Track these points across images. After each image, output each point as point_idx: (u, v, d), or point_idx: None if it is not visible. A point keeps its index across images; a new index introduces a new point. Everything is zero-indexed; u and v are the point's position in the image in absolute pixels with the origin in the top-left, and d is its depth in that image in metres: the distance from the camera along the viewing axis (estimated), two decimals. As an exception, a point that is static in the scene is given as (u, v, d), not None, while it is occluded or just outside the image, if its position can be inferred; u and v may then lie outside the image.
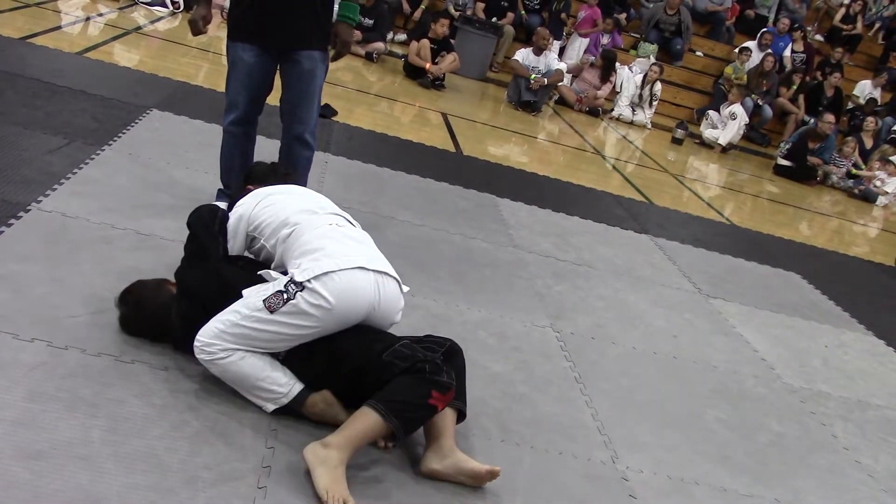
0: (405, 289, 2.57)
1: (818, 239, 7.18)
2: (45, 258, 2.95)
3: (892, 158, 10.01)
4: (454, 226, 4.64)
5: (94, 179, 3.78)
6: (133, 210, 3.56)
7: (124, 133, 4.56)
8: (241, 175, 3.23)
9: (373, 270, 2.41)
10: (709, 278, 5.01)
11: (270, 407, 2.40)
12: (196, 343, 2.37)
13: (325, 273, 2.32)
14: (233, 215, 2.73)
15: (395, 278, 2.51)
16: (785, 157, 10.00)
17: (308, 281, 2.30)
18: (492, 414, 2.79)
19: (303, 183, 3.76)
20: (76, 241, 3.15)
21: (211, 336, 2.35)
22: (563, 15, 11.82)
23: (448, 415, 2.40)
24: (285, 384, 2.37)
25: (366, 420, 2.23)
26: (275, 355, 2.40)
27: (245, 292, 2.40)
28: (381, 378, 2.29)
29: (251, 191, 2.85)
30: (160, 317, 2.56)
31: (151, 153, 4.38)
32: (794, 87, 12.02)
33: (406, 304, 3.37)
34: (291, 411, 2.40)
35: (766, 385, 3.72)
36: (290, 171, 3.26)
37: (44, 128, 4.24)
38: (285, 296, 2.30)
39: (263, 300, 2.33)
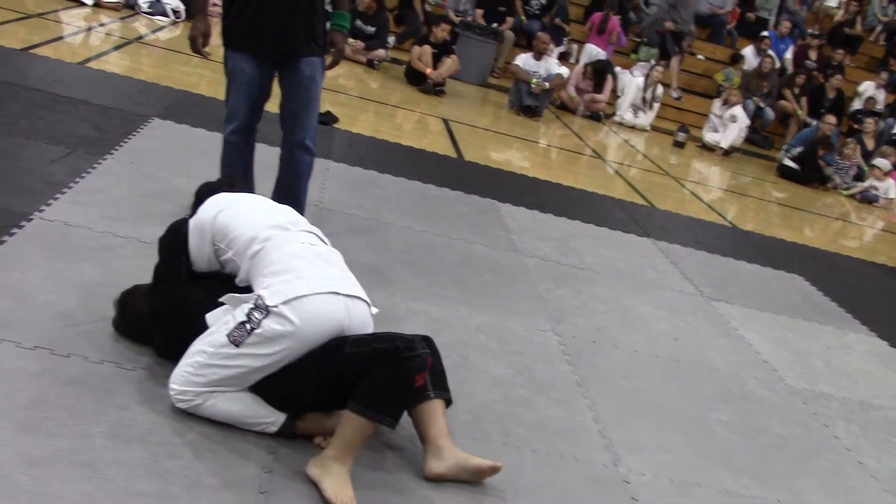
0: (374, 311, 2.52)
1: (820, 241, 7.17)
2: (48, 267, 2.96)
3: (875, 162, 9.99)
4: (456, 231, 4.65)
5: (95, 188, 3.80)
6: (135, 218, 3.58)
7: (126, 142, 4.58)
8: (194, 200, 2.93)
9: (344, 295, 2.37)
10: (711, 281, 5.01)
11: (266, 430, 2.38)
12: (171, 392, 2.34)
13: (297, 297, 2.27)
14: (193, 227, 2.59)
15: (364, 301, 2.46)
16: (793, 161, 9.98)
17: (276, 306, 2.24)
18: (493, 418, 2.80)
19: (303, 189, 3.78)
20: (78, 250, 3.16)
21: (182, 383, 2.32)
22: (558, 20, 11.80)
23: (438, 412, 2.40)
24: (269, 414, 2.35)
25: (354, 425, 2.23)
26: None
27: (209, 320, 2.36)
28: (359, 373, 2.25)
29: None
30: (139, 324, 2.59)
31: (153, 162, 4.39)
32: (797, 89, 12.02)
33: (407, 310, 3.42)
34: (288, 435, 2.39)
35: (768, 387, 3.72)
36: (241, 180, 3.17)
37: (45, 138, 4.26)
38: (248, 326, 2.24)
39: (227, 335, 2.27)
